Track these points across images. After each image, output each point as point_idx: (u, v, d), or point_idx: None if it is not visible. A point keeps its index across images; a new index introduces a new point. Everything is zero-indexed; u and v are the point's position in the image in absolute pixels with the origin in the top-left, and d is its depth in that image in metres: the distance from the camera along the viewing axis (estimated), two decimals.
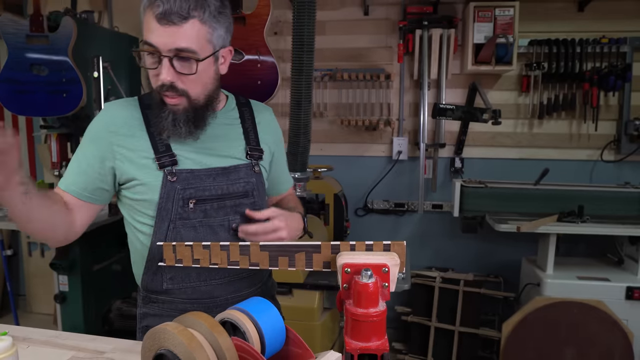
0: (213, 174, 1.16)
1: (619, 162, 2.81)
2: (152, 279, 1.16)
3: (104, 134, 1.12)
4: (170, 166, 1.11)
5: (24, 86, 2.03)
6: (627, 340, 2.22)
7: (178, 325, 0.68)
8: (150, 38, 1.02)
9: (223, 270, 1.17)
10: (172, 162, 1.12)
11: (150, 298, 1.19)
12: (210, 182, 1.15)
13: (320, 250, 0.98)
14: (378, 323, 0.86)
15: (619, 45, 2.66)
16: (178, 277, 1.15)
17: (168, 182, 1.11)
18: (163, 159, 1.11)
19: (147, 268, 1.16)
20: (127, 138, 1.12)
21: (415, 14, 2.79)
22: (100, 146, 1.12)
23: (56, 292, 2.54)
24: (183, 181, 1.12)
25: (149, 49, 1.03)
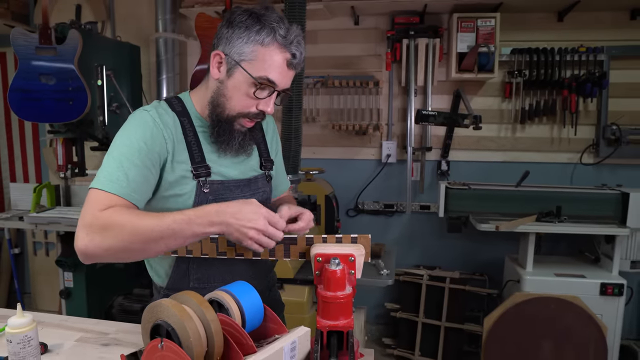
0: (240, 185, 1.23)
1: (598, 165, 2.94)
2: (181, 279, 1.22)
3: (160, 140, 1.12)
4: (204, 177, 1.16)
5: (33, 94, 2.17)
6: (601, 334, 2.34)
7: (172, 301, 0.82)
8: (275, 77, 1.11)
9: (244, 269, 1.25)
10: (206, 173, 1.16)
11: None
12: (238, 192, 1.22)
13: (296, 242, 1.12)
14: (345, 304, 1.00)
15: (596, 54, 2.79)
16: (204, 278, 1.23)
17: (202, 192, 1.16)
18: (199, 169, 1.16)
19: (176, 269, 1.22)
20: (173, 146, 1.14)
21: (402, 24, 2.92)
22: (157, 150, 1.11)
23: (62, 288, 2.67)
24: (214, 192, 1.17)
25: (270, 85, 1.11)
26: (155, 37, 3.09)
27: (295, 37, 1.11)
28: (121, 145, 1.09)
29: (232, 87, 1.13)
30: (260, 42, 1.09)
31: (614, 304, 2.47)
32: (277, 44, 1.09)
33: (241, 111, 1.15)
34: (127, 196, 1.06)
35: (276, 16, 1.11)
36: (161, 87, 3.13)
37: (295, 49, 1.11)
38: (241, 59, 1.11)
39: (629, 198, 2.54)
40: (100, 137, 2.50)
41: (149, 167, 1.10)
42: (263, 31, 1.09)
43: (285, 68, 1.12)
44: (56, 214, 2.49)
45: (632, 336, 2.97)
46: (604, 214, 2.60)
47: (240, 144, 1.19)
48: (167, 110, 1.18)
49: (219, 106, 1.16)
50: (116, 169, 1.06)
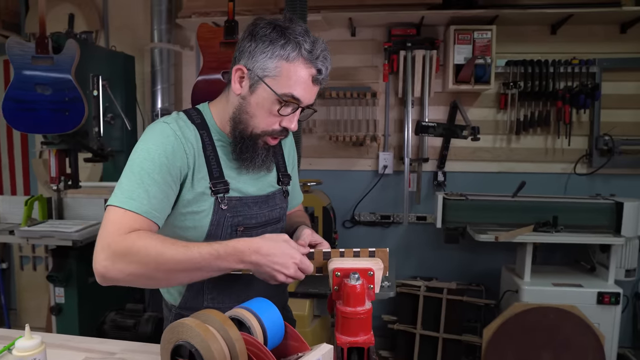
0: (258, 201, 1.20)
1: (591, 175, 2.98)
2: (195, 297, 1.19)
3: (181, 155, 1.08)
4: (223, 193, 1.13)
5: (29, 104, 2.12)
6: (599, 343, 2.36)
7: (195, 320, 0.79)
8: (300, 94, 1.07)
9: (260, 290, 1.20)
10: (225, 189, 1.13)
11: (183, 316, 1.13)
12: (257, 210, 1.19)
13: (313, 257, 1.10)
14: (364, 320, 0.98)
15: (588, 66, 2.84)
16: (219, 297, 1.19)
17: (219, 209, 1.13)
18: (218, 185, 1.13)
19: (190, 287, 1.18)
20: (194, 161, 1.11)
21: (399, 36, 2.94)
22: (177, 166, 1.08)
23: (52, 304, 2.59)
24: (232, 209, 1.14)
25: (294, 101, 1.08)
26: (150, 47, 3.07)
27: (322, 52, 1.08)
28: (142, 160, 1.05)
29: (255, 104, 1.10)
30: (285, 58, 1.05)
31: (610, 312, 2.49)
32: (302, 59, 1.05)
33: (265, 129, 1.12)
34: (148, 214, 1.02)
35: (301, 29, 1.07)
36: (156, 97, 3.10)
37: (322, 64, 1.07)
38: (265, 74, 1.07)
39: (623, 207, 2.57)
40: (95, 148, 2.45)
41: (170, 184, 1.07)
42: (288, 46, 1.05)
43: (311, 84, 1.08)
44: (49, 227, 2.43)
45: (627, 344, 3.00)
46: (599, 223, 2.63)
47: (263, 161, 1.16)
48: (187, 123, 1.14)
49: (242, 123, 1.12)
50: (137, 186, 1.02)
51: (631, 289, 2.97)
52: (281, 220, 1.28)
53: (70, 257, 2.50)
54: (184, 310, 1.20)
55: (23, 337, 0.92)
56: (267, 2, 2.91)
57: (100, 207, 2.63)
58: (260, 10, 2.88)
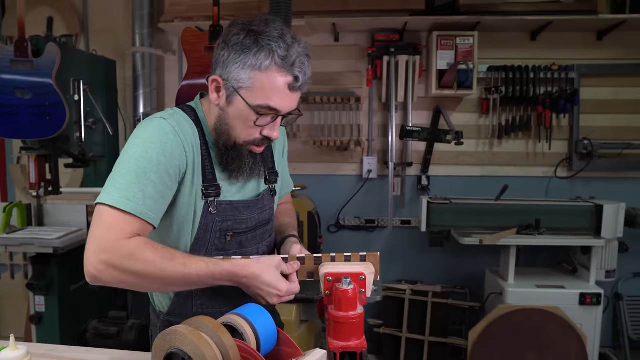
0: (249, 205, 1.18)
1: (572, 178, 3.04)
2: (183, 304, 1.17)
3: (178, 152, 1.05)
4: (213, 197, 1.10)
5: (7, 109, 2.07)
6: (582, 343, 2.40)
7: (187, 327, 0.78)
8: (277, 104, 1.03)
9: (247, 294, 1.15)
10: (216, 193, 1.11)
11: (172, 322, 1.14)
12: (247, 214, 1.17)
13: (304, 262, 1.09)
14: (357, 324, 0.98)
15: (567, 72, 2.90)
16: (208, 303, 1.17)
17: (208, 213, 1.10)
18: (210, 189, 1.10)
19: (179, 293, 1.16)
20: (194, 158, 1.08)
21: (382, 42, 2.96)
22: (177, 167, 1.05)
23: (32, 313, 2.53)
24: (222, 213, 1.12)
25: (272, 112, 1.04)
26: (132, 51, 3.03)
27: (298, 58, 1.01)
28: (139, 158, 1.00)
29: (234, 116, 1.06)
30: (258, 68, 1.00)
31: (592, 313, 2.54)
32: (276, 67, 1.00)
33: (246, 140, 1.09)
34: (144, 215, 0.99)
35: (277, 33, 1.01)
36: (138, 102, 3.06)
37: (299, 70, 1.01)
38: (239, 86, 1.03)
39: (603, 210, 2.62)
40: (77, 153, 2.41)
41: (167, 183, 1.03)
42: (261, 54, 0.99)
43: (288, 92, 1.03)
44: (28, 234, 2.37)
45: (608, 344, 3.05)
46: (579, 225, 2.68)
47: (251, 169, 1.14)
48: (186, 119, 1.10)
49: (224, 134, 1.10)
50: (132, 185, 0.98)
51: (611, 290, 3.03)
52: (270, 221, 1.27)
53: (51, 265, 2.44)
54: (173, 317, 1.18)
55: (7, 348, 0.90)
56: (250, 7, 2.90)
57: (82, 214, 2.58)
58: (243, 16, 2.83)
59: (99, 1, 3.25)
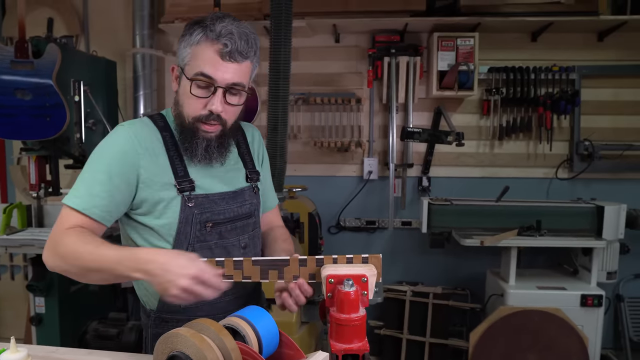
0: (225, 197, 1.22)
1: (572, 180, 3.04)
2: None
3: (132, 155, 1.12)
4: (188, 191, 1.16)
5: (7, 110, 2.06)
6: (583, 345, 2.39)
7: (189, 330, 0.77)
8: (209, 71, 1.09)
9: (236, 286, 1.18)
10: (190, 187, 1.16)
11: (163, 319, 1.21)
12: (224, 205, 1.22)
13: (306, 264, 1.09)
14: (359, 327, 0.98)
15: (568, 73, 2.90)
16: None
17: (187, 206, 1.15)
18: (183, 184, 1.15)
19: None
20: (152, 161, 1.14)
21: (383, 43, 2.96)
22: (129, 169, 1.12)
23: (32, 314, 2.52)
24: (200, 205, 1.17)
25: (206, 80, 1.10)
26: (132, 52, 3.02)
27: (224, 28, 1.09)
28: (91, 162, 1.12)
29: (182, 93, 1.15)
30: (193, 43, 1.11)
31: (593, 314, 2.53)
32: (205, 38, 1.09)
33: (194, 115, 1.14)
34: (87, 211, 1.08)
35: (215, 16, 1.11)
36: (138, 103, 3.05)
37: (226, 39, 1.08)
38: (184, 64, 1.13)
39: (604, 211, 2.62)
40: (77, 154, 2.40)
41: (116, 184, 1.10)
42: (195, 31, 1.11)
43: (220, 60, 1.09)
44: (28, 235, 2.36)
45: (609, 345, 3.05)
46: (580, 227, 2.68)
47: (206, 151, 1.17)
48: (148, 125, 1.19)
49: (179, 116, 1.17)
50: (81, 185, 1.10)
51: (612, 291, 3.02)
52: (252, 215, 1.29)
53: None
54: (164, 314, 1.21)
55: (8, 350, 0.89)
56: (251, 8, 2.90)
57: None
58: (243, 16, 2.87)
59: (99, 2, 3.25)
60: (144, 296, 1.25)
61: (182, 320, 1.18)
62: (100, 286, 2.82)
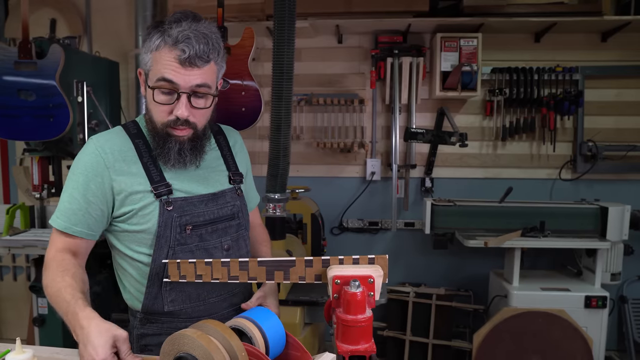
0: (204, 200, 1.22)
1: (576, 181, 3.02)
2: (153, 302, 1.21)
3: (101, 169, 1.14)
4: (166, 195, 1.16)
5: (11, 110, 2.06)
6: (587, 346, 2.38)
7: (196, 331, 0.77)
8: (171, 76, 1.08)
9: (219, 288, 1.24)
10: (168, 191, 1.17)
11: (149, 319, 1.23)
12: (203, 207, 1.22)
13: (312, 265, 1.08)
14: (366, 328, 0.97)
15: (571, 74, 2.89)
16: (179, 299, 1.20)
17: (165, 210, 1.16)
18: (159, 188, 1.16)
19: (148, 293, 1.20)
20: (123, 171, 1.15)
21: (386, 43, 2.96)
22: (100, 182, 1.14)
23: (35, 315, 2.52)
24: (179, 209, 1.17)
25: (168, 85, 1.09)
26: (135, 53, 3.02)
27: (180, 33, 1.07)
28: (68, 179, 1.16)
29: (149, 99, 1.15)
30: (153, 49, 1.10)
31: (598, 316, 2.52)
32: (164, 44, 1.09)
33: (162, 121, 1.14)
34: (68, 229, 1.13)
35: (174, 18, 1.10)
36: (140, 104, 3.04)
37: (184, 44, 1.06)
38: (147, 69, 1.13)
39: (608, 212, 2.61)
40: None
41: (89, 199, 1.13)
42: (154, 37, 1.10)
43: (179, 66, 1.08)
44: (32, 236, 2.36)
45: (613, 347, 3.04)
46: (584, 228, 2.67)
47: (179, 154, 1.17)
48: (119, 134, 1.20)
49: (150, 121, 1.18)
50: (62, 205, 1.14)
51: (616, 292, 3.01)
52: (235, 217, 1.29)
53: None
54: (149, 315, 1.22)
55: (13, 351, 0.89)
56: (254, 9, 2.90)
57: None
58: (246, 17, 2.87)
59: (102, 3, 3.25)
60: (129, 299, 1.26)
61: (166, 321, 1.21)
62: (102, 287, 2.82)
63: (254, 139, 3.13)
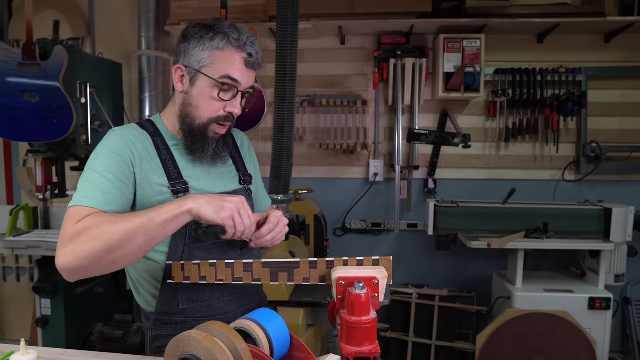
0: None
1: (579, 182, 3.02)
2: (169, 300, 1.20)
3: (129, 155, 1.12)
4: (182, 192, 1.16)
5: (15, 112, 2.07)
6: (591, 348, 2.37)
7: (201, 332, 0.77)
8: (236, 75, 1.15)
9: (233, 287, 1.24)
10: (185, 188, 1.17)
11: (163, 320, 1.22)
12: None
13: (316, 266, 1.08)
14: (370, 329, 0.97)
15: (574, 75, 2.88)
16: (193, 297, 1.20)
17: None
18: (177, 185, 1.16)
19: (163, 292, 1.19)
20: (144, 164, 1.15)
21: (389, 44, 2.95)
22: (127, 167, 1.12)
23: (38, 316, 2.52)
24: None
25: (232, 83, 1.15)
26: (138, 54, 3.03)
27: (248, 39, 1.16)
28: (91, 165, 1.11)
29: (197, 94, 1.16)
30: (216, 47, 1.14)
31: (602, 318, 2.51)
32: (231, 46, 1.14)
33: (210, 117, 1.17)
34: (105, 208, 1.04)
35: (227, 24, 1.17)
36: (143, 105, 3.06)
37: (250, 48, 1.16)
38: (201, 65, 1.15)
39: (611, 213, 2.60)
40: (83, 156, 2.40)
41: (122, 180, 1.10)
42: (217, 37, 1.14)
43: (244, 67, 1.16)
44: (35, 237, 2.37)
45: (616, 349, 3.03)
46: (588, 229, 2.66)
47: (214, 151, 1.21)
48: (137, 130, 1.20)
49: (188, 116, 1.18)
50: (89, 186, 1.06)
51: (620, 294, 3.00)
52: None
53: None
54: (163, 315, 1.22)
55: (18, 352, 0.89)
56: (257, 10, 2.90)
57: None
58: (249, 18, 2.87)
59: (105, 4, 3.26)
60: (143, 300, 1.25)
61: (180, 322, 1.21)
62: (105, 288, 2.83)
63: (257, 140, 3.13)
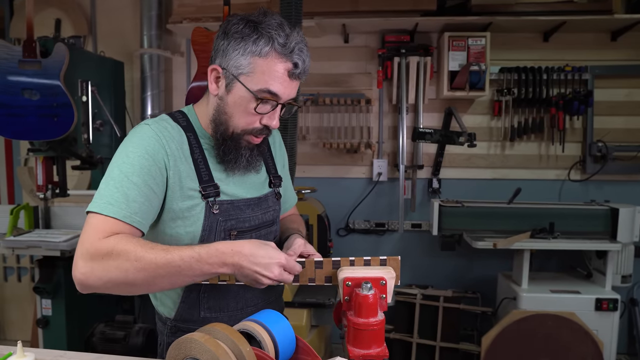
0: (250, 204, 1.16)
1: (585, 181, 2.98)
2: (190, 307, 1.15)
3: (162, 156, 1.04)
4: (213, 197, 1.09)
5: (15, 110, 2.05)
6: (598, 350, 2.34)
7: (204, 335, 0.74)
8: (277, 89, 1.02)
9: (256, 297, 1.19)
10: (215, 193, 1.09)
11: (180, 328, 1.16)
12: (249, 212, 1.15)
13: (322, 266, 1.05)
14: (378, 331, 0.94)
15: (581, 73, 2.85)
16: (216, 306, 1.15)
17: (211, 213, 1.08)
18: (208, 189, 1.09)
19: (185, 298, 1.14)
20: (177, 164, 1.06)
21: (393, 43, 2.93)
22: (158, 169, 1.03)
23: (39, 316, 2.50)
24: (224, 212, 1.10)
25: (273, 98, 1.03)
26: (140, 52, 3.01)
27: (297, 45, 1.02)
28: (120, 163, 1.02)
29: (233, 103, 1.05)
30: (257, 53, 1.01)
31: (609, 319, 2.48)
32: (276, 53, 1.01)
33: (245, 128, 1.07)
34: (128, 219, 0.98)
35: (275, 22, 1.02)
36: (145, 104, 3.03)
37: (297, 57, 1.02)
38: (239, 72, 1.03)
39: (618, 213, 2.57)
40: (84, 155, 2.38)
41: (151, 186, 1.02)
42: (260, 40, 1.00)
43: (287, 79, 1.03)
44: (35, 237, 2.34)
45: (623, 350, 2.99)
46: (594, 229, 2.62)
47: (248, 161, 1.12)
48: (172, 125, 1.10)
49: (222, 124, 1.09)
50: (115, 190, 0.98)
51: (627, 295, 2.97)
52: (275, 223, 1.25)
53: (58, 268, 2.41)
54: (181, 323, 1.16)
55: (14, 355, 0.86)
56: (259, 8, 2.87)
57: None
58: None
59: (107, 3, 3.24)
60: (160, 304, 1.20)
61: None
62: None
63: None
